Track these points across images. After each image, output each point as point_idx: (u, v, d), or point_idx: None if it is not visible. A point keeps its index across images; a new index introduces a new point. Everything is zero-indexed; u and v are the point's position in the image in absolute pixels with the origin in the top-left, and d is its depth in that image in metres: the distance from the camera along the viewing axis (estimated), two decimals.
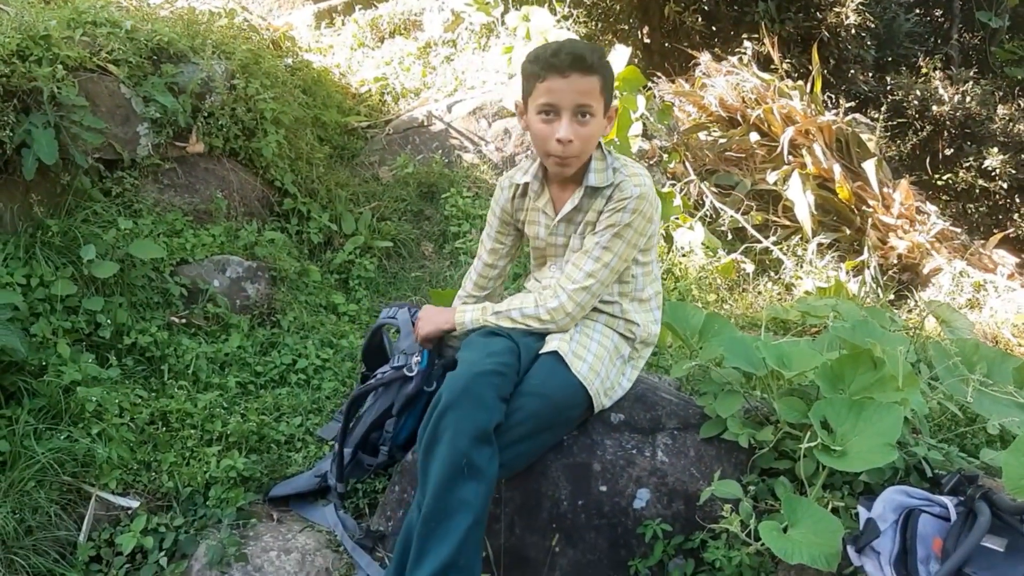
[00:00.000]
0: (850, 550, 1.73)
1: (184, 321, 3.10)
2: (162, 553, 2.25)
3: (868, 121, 6.85)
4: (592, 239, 2.16)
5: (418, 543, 1.90)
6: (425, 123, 5.24)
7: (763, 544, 1.81)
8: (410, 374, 2.38)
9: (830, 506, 1.92)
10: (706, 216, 5.14)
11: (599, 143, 2.19)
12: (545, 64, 2.04)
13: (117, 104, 3.25)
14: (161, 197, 3.37)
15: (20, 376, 2.52)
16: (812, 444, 1.94)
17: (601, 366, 2.16)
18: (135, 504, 2.36)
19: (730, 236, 5.20)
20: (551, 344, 2.14)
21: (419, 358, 2.38)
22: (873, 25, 7.45)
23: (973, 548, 1.65)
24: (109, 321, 2.82)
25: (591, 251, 2.15)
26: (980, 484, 1.80)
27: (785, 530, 1.83)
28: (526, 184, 2.32)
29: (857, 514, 1.85)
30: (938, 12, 8.72)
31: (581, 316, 2.20)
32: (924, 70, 7.61)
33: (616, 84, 2.58)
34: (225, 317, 3.20)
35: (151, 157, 3.38)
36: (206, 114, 3.60)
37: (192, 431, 2.64)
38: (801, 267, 4.97)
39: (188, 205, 3.43)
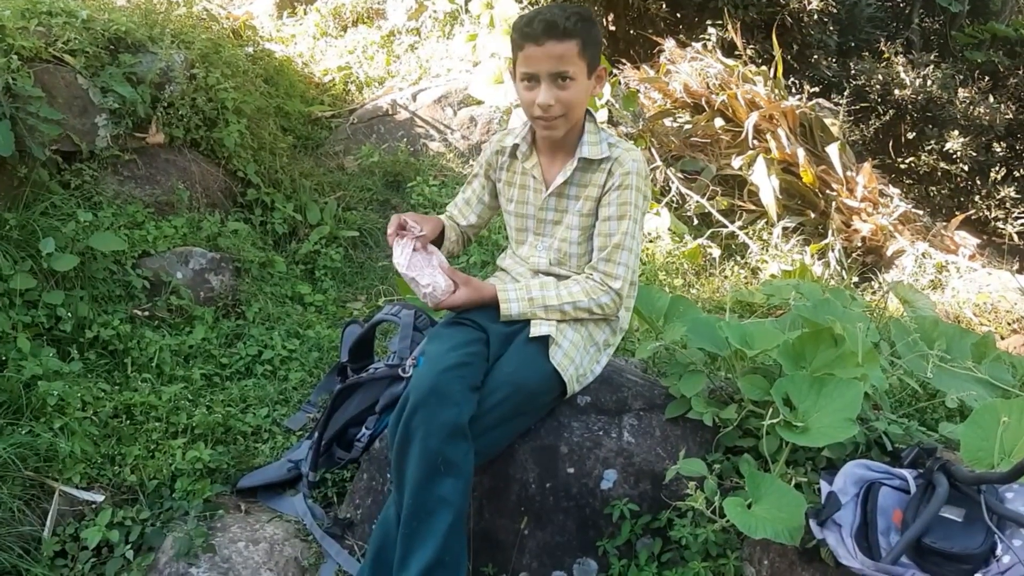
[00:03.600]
0: (812, 524, 1.76)
1: (147, 314, 3.06)
2: (128, 546, 2.22)
3: (831, 106, 6.91)
4: (619, 226, 2.15)
5: (402, 544, 1.89)
6: (390, 112, 5.22)
7: (728, 521, 1.82)
8: (404, 375, 2.37)
9: (793, 481, 1.94)
10: (672, 202, 5.16)
11: (591, 115, 2.20)
12: (521, 33, 2.07)
13: (74, 95, 3.20)
14: (121, 189, 3.32)
15: None
16: (775, 421, 1.96)
17: (576, 353, 2.17)
18: (100, 498, 2.34)
19: (696, 221, 5.22)
20: (540, 329, 2.12)
21: (414, 361, 2.34)
22: (835, 11, 7.50)
23: (932, 518, 1.68)
24: (70, 315, 2.79)
25: (623, 243, 2.15)
26: (939, 456, 1.82)
27: (749, 506, 1.84)
28: (515, 146, 2.31)
29: (819, 488, 1.87)
30: None
31: None
32: (886, 55, 7.68)
33: None
34: (189, 309, 3.17)
35: (110, 148, 3.33)
36: (166, 104, 3.56)
37: (157, 424, 2.62)
38: (767, 251, 5.00)
39: (149, 197, 3.39)
